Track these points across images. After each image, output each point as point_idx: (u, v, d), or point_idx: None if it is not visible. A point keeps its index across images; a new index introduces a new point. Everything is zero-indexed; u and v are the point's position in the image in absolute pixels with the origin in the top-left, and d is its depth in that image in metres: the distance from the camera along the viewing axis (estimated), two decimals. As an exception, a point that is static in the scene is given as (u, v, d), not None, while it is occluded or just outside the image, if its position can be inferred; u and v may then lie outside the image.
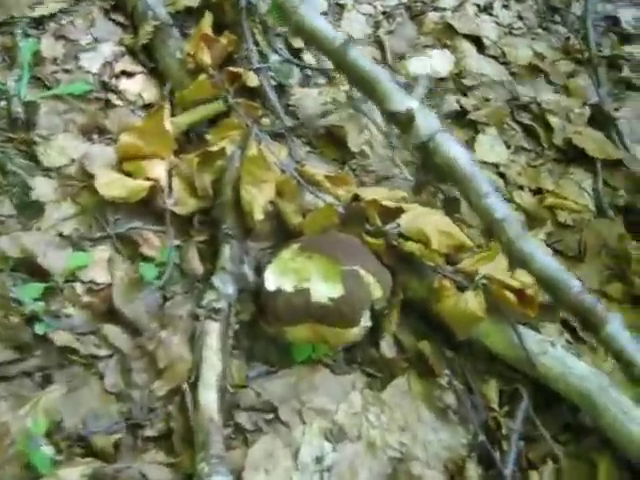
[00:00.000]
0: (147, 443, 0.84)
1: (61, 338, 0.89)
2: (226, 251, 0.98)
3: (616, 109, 1.47)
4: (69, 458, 0.81)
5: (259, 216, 0.98)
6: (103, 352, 0.89)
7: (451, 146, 0.95)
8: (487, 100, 1.46)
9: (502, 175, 1.29)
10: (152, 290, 0.94)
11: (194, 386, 0.86)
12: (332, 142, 1.24)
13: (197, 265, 0.98)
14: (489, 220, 0.91)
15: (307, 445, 0.86)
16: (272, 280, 0.93)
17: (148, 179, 1.02)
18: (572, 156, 1.36)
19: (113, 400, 0.86)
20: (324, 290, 0.90)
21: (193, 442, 0.82)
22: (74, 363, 0.88)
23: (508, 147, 1.36)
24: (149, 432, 0.84)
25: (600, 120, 1.44)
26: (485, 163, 1.29)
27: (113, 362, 0.89)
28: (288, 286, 0.92)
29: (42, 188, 1.04)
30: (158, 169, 1.03)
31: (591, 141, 1.37)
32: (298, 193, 1.04)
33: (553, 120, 1.42)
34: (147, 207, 1.03)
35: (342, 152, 1.23)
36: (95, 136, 1.12)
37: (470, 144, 1.31)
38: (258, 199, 0.99)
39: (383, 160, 1.23)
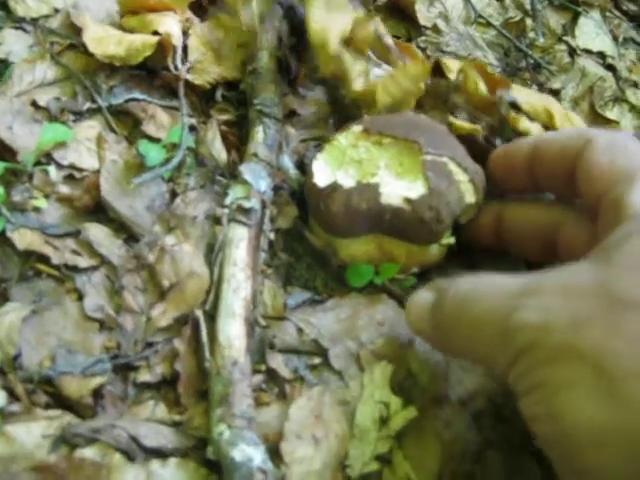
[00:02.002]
0: (141, 392, 0.58)
1: (26, 240, 0.63)
2: (259, 134, 0.71)
3: None
4: (28, 409, 0.55)
5: (335, 46, 0.70)
6: (84, 262, 0.63)
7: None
8: (583, -17, 1.18)
9: (611, 68, 1.00)
10: (156, 180, 0.67)
11: (211, 315, 0.60)
12: (394, 13, 0.95)
13: (220, 151, 0.71)
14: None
15: (368, 402, 0.60)
16: (324, 173, 0.65)
17: (155, 34, 0.74)
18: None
19: (95, 329, 0.60)
20: (399, 187, 0.63)
21: (207, 393, 0.56)
22: (42, 275, 0.62)
23: (614, 38, 1.07)
24: (145, 377, 0.58)
25: None
26: (589, 52, 1.01)
27: (97, 276, 0.62)
28: (348, 181, 0.64)
29: (13, 44, 0.76)
30: (170, 23, 0.75)
31: None
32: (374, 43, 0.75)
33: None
34: (153, 75, 0.76)
35: (408, 26, 0.94)
36: (88, -15, 0.85)
37: (570, 28, 1.03)
38: (333, 27, 0.71)
39: (462, 39, 0.94)
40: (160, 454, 0.54)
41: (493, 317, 0.46)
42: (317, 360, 0.62)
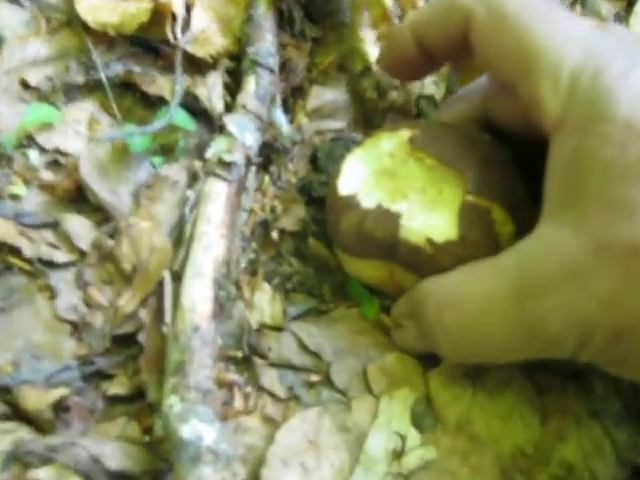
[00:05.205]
0: (112, 407, 0.51)
1: (-1, 230, 0.57)
2: (250, 84, 0.63)
3: None
4: (-19, 420, 0.49)
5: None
6: (61, 257, 0.56)
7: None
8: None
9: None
10: (145, 165, 0.60)
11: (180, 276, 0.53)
12: None
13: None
14: None
15: (384, 430, 0.52)
16: (352, 177, 0.55)
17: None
18: None
19: (66, 332, 0.53)
20: (425, 224, 0.51)
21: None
22: (14, 270, 0.56)
23: (672, 26, 0.97)
24: (117, 389, 0.51)
25: None
26: (645, 44, 0.91)
27: (73, 273, 0.56)
28: (369, 199, 0.53)
29: (7, 19, 0.70)
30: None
31: None
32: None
33: None
34: (153, 52, 0.69)
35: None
36: (94, -41, 0.79)
37: (624, 17, 0.93)
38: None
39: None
40: (125, 478, 0.47)
41: None
42: (316, 378, 0.54)
